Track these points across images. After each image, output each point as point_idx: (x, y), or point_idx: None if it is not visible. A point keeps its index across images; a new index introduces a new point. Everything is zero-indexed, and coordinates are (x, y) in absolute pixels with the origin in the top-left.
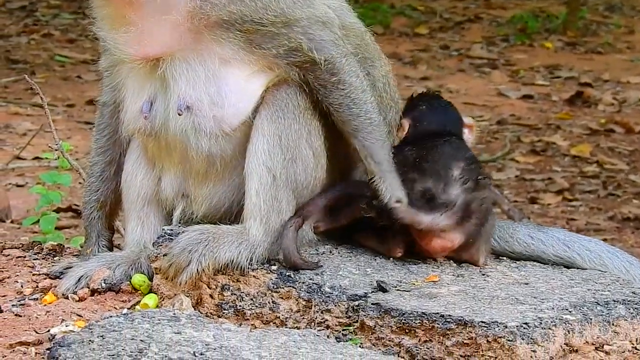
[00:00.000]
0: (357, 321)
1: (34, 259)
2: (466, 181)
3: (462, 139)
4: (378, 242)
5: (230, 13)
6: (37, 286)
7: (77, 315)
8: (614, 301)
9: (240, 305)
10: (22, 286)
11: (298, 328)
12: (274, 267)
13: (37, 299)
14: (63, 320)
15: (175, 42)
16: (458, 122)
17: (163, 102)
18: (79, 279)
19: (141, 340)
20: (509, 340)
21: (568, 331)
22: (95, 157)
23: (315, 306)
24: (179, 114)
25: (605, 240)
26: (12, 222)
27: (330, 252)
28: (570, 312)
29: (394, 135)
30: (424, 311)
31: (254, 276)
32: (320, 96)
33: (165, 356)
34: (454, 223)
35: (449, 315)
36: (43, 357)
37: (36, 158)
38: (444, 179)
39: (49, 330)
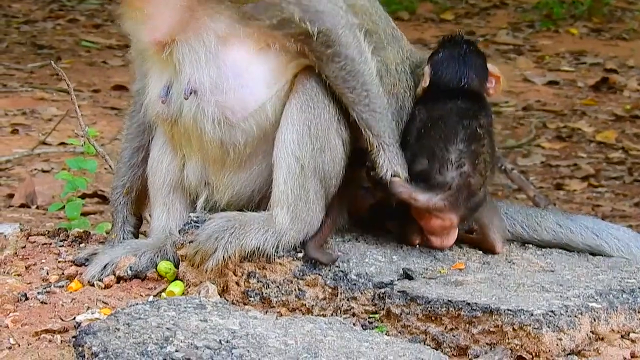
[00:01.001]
0: (383, 309)
1: (60, 246)
2: (462, 165)
3: (480, 99)
4: (399, 229)
5: None
6: (63, 273)
7: (103, 302)
8: None
9: (266, 293)
10: (47, 273)
11: (324, 316)
12: (300, 255)
13: (62, 286)
14: (89, 307)
15: (176, 24)
16: (481, 74)
17: (177, 87)
18: (105, 266)
19: (167, 328)
20: (535, 328)
21: (594, 319)
22: (124, 143)
23: (341, 294)
24: (185, 98)
25: (630, 226)
26: (37, 207)
27: (356, 239)
28: (596, 299)
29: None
30: (450, 299)
31: (280, 263)
32: (317, 68)
33: (191, 344)
34: (449, 205)
35: (475, 303)
36: (69, 345)
37: (62, 143)
38: (439, 161)
39: (74, 318)
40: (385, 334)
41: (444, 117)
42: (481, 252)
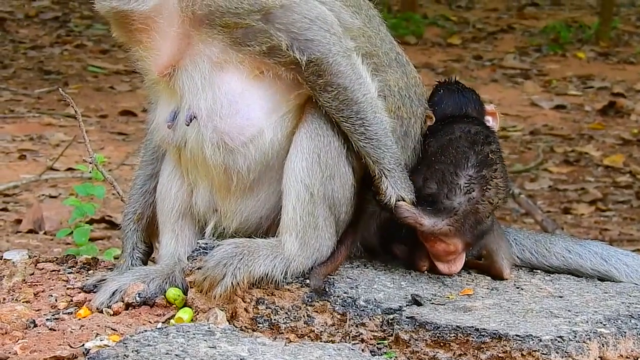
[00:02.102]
0: (391, 335)
1: (68, 273)
2: (471, 190)
3: (484, 124)
4: (407, 255)
5: (208, 6)
6: (72, 300)
7: (112, 329)
8: None
9: (275, 319)
10: (56, 300)
11: (333, 342)
12: (308, 281)
13: (71, 313)
14: (97, 334)
15: (176, 51)
16: (478, 106)
17: (182, 113)
18: (113, 293)
19: (176, 355)
20: (543, 354)
21: (602, 344)
22: (138, 170)
23: (350, 320)
24: (187, 124)
25: (638, 250)
26: (45, 233)
27: (365, 265)
28: (604, 325)
29: (416, 140)
30: (458, 325)
31: (288, 290)
32: (313, 97)
33: None
34: (455, 230)
35: (484, 329)
36: None
37: (69, 169)
38: (448, 186)
39: (83, 345)
40: None
41: (454, 142)
42: (489, 278)
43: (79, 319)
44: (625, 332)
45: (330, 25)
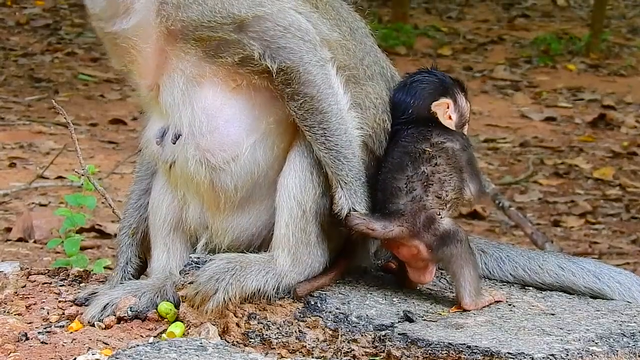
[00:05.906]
0: (383, 351)
1: (60, 285)
2: (412, 189)
3: (422, 122)
4: (398, 272)
5: (181, 21)
6: (63, 313)
7: (104, 343)
8: None
9: (266, 334)
10: (48, 313)
11: (324, 358)
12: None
13: (63, 326)
14: (89, 348)
15: (155, 68)
16: (421, 102)
17: (169, 132)
18: (105, 307)
19: None
20: None
21: None
22: (133, 185)
23: (341, 336)
24: (173, 142)
25: (627, 264)
26: (35, 241)
27: (357, 281)
28: (596, 343)
29: None
30: (450, 342)
31: (280, 305)
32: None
33: None
34: (408, 230)
35: (476, 346)
36: None
37: (59, 177)
38: (390, 190)
39: (75, 359)
40: None
41: (392, 148)
42: None
43: (71, 333)
44: (617, 351)
45: (305, 33)
